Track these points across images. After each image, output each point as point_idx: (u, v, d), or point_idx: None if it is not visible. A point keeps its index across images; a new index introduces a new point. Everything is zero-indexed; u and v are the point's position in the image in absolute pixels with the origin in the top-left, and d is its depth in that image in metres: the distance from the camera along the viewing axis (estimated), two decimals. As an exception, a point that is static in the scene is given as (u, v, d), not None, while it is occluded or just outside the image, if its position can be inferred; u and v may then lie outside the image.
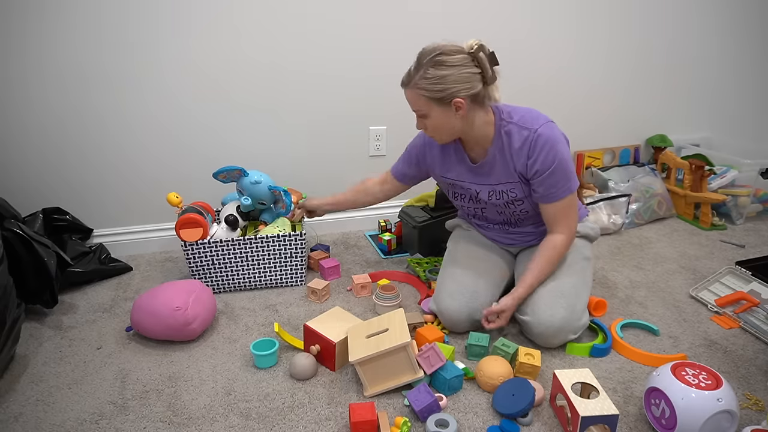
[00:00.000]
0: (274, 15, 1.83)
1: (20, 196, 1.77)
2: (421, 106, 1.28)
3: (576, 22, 2.21)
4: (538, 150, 1.29)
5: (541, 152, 1.29)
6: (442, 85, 1.23)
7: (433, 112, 1.28)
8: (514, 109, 1.35)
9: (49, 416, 1.19)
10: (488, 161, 1.38)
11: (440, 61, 1.22)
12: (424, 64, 1.24)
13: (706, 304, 1.63)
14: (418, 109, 1.30)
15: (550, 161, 1.30)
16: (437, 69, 1.22)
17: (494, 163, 1.37)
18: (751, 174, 2.24)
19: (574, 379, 1.16)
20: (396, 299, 1.58)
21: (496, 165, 1.37)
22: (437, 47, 1.24)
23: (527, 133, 1.30)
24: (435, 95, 1.24)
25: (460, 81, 1.23)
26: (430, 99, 1.25)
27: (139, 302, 1.43)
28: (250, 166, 1.89)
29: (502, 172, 1.38)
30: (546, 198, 1.35)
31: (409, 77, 1.28)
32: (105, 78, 1.74)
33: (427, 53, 1.25)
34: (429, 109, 1.28)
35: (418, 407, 1.14)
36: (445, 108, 1.26)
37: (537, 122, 1.31)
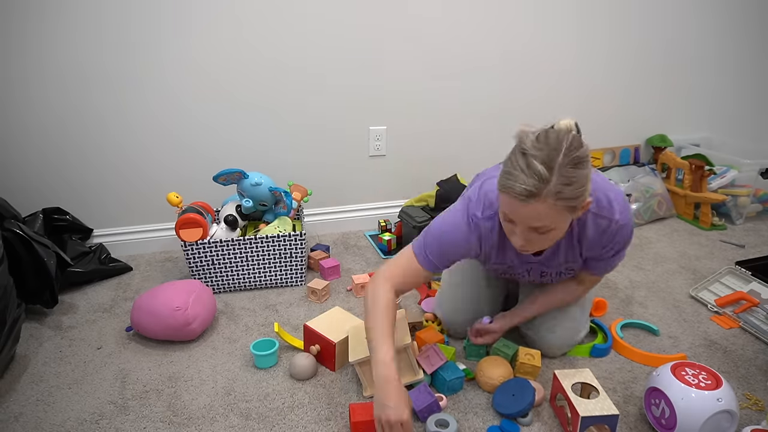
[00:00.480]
0: (274, 15, 1.83)
1: (20, 196, 1.77)
2: (554, 219, 0.98)
3: (576, 23, 2.21)
4: (616, 241, 1.14)
5: (617, 243, 1.15)
6: (582, 188, 0.96)
7: (563, 224, 1.01)
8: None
9: (49, 416, 1.19)
10: (552, 251, 1.19)
11: (579, 158, 0.95)
12: (559, 165, 0.93)
13: (706, 304, 1.63)
14: (548, 225, 0.99)
15: (619, 248, 1.17)
16: (579, 169, 0.95)
17: (558, 251, 1.19)
18: (751, 174, 2.24)
19: (574, 379, 1.16)
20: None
21: (559, 253, 1.19)
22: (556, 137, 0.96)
23: (606, 224, 1.11)
24: (575, 203, 0.97)
25: (588, 181, 0.98)
26: (568, 208, 0.97)
27: (139, 302, 1.43)
28: (251, 167, 1.90)
29: (565, 257, 1.20)
30: (596, 270, 1.26)
31: (540, 184, 0.93)
32: (105, 78, 1.74)
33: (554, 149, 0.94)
34: (558, 223, 1.00)
35: (419, 407, 1.14)
36: (572, 216, 1.01)
37: (615, 208, 1.11)
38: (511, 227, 1.04)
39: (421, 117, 2.13)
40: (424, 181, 2.19)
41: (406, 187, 2.22)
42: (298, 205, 1.84)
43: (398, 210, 2.08)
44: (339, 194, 2.16)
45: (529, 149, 0.95)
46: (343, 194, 2.16)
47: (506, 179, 0.97)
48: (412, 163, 2.20)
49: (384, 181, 2.18)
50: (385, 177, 2.18)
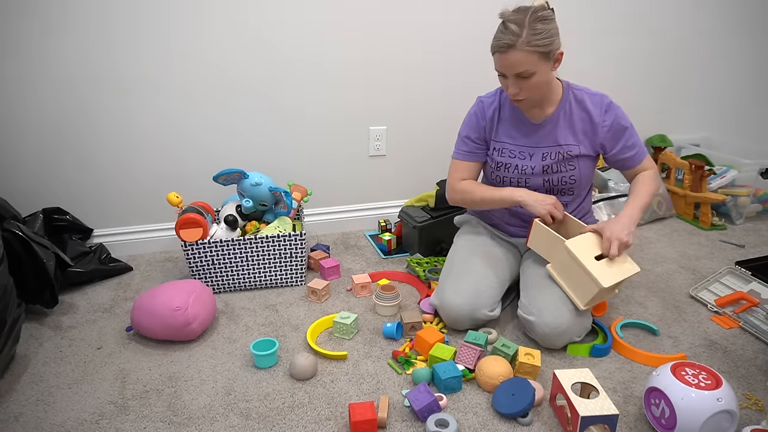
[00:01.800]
0: (274, 16, 1.83)
1: (20, 196, 1.77)
2: (530, 64, 1.28)
3: (576, 24, 2.21)
4: (612, 113, 1.41)
5: (616, 113, 1.41)
6: (550, 38, 1.26)
7: (540, 68, 1.29)
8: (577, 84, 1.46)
9: (49, 416, 1.19)
10: (551, 120, 1.43)
11: (542, 16, 1.26)
12: (529, 21, 1.25)
13: (706, 304, 1.63)
14: (526, 69, 1.29)
15: (625, 118, 1.42)
16: (543, 23, 1.25)
17: (558, 122, 1.43)
18: (751, 174, 2.24)
19: (574, 379, 1.16)
20: (396, 299, 1.58)
21: (559, 124, 1.43)
22: (523, 6, 1.28)
23: (599, 99, 1.42)
24: (545, 49, 1.27)
25: (556, 34, 1.29)
26: (541, 54, 1.27)
27: (139, 302, 1.43)
28: (251, 167, 1.90)
29: (565, 131, 1.43)
30: (635, 159, 1.45)
31: (515, 37, 1.26)
32: (105, 78, 1.74)
33: (523, 12, 1.26)
34: (537, 67, 1.28)
35: (418, 407, 1.14)
36: (548, 63, 1.30)
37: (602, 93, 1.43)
38: (504, 82, 1.36)
39: (421, 117, 2.13)
40: (424, 181, 2.20)
41: (406, 187, 2.22)
42: (298, 205, 1.84)
43: (398, 210, 2.08)
44: (339, 194, 2.16)
45: (506, 16, 1.29)
46: (343, 194, 2.16)
47: (493, 42, 1.32)
48: (412, 163, 2.20)
49: (384, 181, 2.18)
50: (385, 177, 2.18)
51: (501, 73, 1.34)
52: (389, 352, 1.41)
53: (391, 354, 1.39)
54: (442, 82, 2.09)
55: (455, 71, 2.09)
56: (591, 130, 1.43)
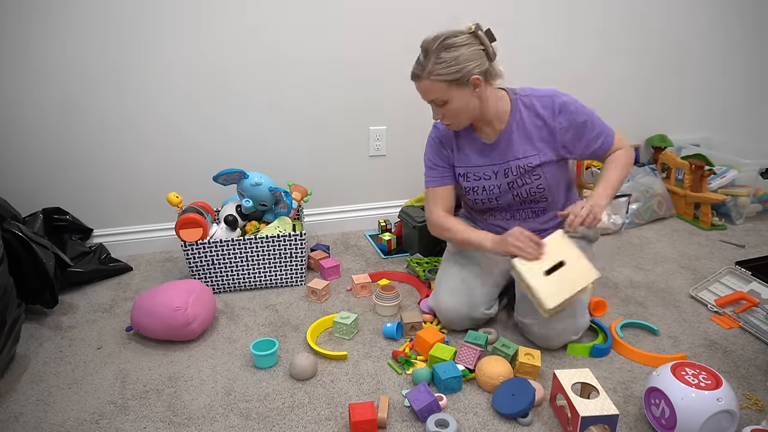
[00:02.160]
0: (274, 16, 1.83)
1: (20, 196, 1.77)
2: (439, 93, 1.28)
3: (576, 25, 2.21)
4: (567, 107, 1.36)
5: (569, 108, 1.37)
6: (457, 65, 1.24)
7: (453, 95, 1.28)
8: (523, 88, 1.42)
9: (49, 416, 1.19)
10: (505, 136, 1.40)
11: (449, 44, 1.25)
12: (433, 51, 1.25)
13: (706, 304, 1.63)
14: (437, 98, 1.29)
15: (580, 112, 1.37)
16: (448, 52, 1.24)
17: (511, 136, 1.39)
18: (751, 174, 2.24)
19: (574, 379, 1.16)
20: (396, 299, 1.58)
21: (513, 138, 1.39)
22: (439, 34, 1.27)
23: (548, 101, 1.37)
24: (453, 77, 1.25)
25: (471, 59, 1.26)
26: (449, 83, 1.26)
27: (139, 302, 1.43)
28: (251, 167, 1.90)
29: (521, 144, 1.40)
30: (603, 148, 1.42)
31: (421, 68, 1.27)
32: (105, 78, 1.74)
33: (433, 41, 1.26)
34: (448, 94, 1.28)
35: (418, 407, 1.14)
36: (463, 89, 1.28)
37: (550, 91, 1.39)
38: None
39: (421, 117, 2.13)
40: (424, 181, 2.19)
41: (406, 187, 2.22)
42: (298, 205, 1.84)
43: (398, 210, 2.08)
44: (339, 194, 2.16)
45: (422, 45, 1.29)
46: (343, 194, 2.16)
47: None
48: (412, 163, 2.19)
49: (384, 181, 2.18)
50: (385, 177, 2.18)
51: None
52: (389, 352, 1.41)
53: (391, 354, 1.39)
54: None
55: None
56: (548, 135, 1.38)
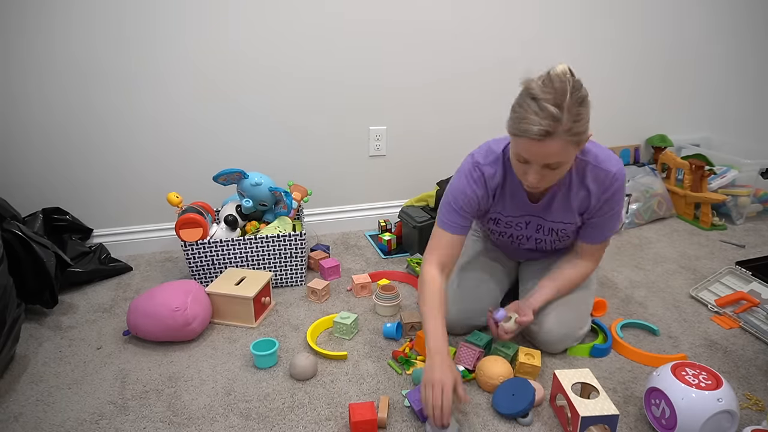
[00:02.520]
0: (274, 16, 1.82)
1: (20, 196, 1.77)
2: (566, 155, 1.09)
3: (576, 24, 2.21)
4: (612, 194, 1.23)
5: (614, 197, 1.24)
6: (585, 124, 1.09)
7: (572, 157, 1.11)
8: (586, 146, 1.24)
9: (49, 416, 1.19)
10: (550, 198, 1.28)
11: (582, 97, 1.07)
12: (570, 105, 1.04)
13: (706, 304, 1.63)
14: (561, 160, 1.09)
15: (615, 206, 1.26)
16: (584, 107, 1.07)
17: (556, 201, 1.28)
18: (751, 174, 2.24)
19: (574, 379, 1.16)
20: (396, 299, 1.58)
21: (555, 203, 1.28)
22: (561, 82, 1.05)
23: (604, 176, 1.22)
24: (581, 138, 1.09)
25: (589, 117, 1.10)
26: (576, 144, 1.09)
27: (135, 305, 1.42)
28: (251, 167, 1.90)
29: (562, 210, 1.29)
30: (593, 239, 1.33)
31: (555, 123, 1.03)
32: (105, 78, 1.74)
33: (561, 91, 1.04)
34: (569, 157, 1.10)
35: (418, 407, 1.14)
36: (577, 149, 1.12)
37: (613, 165, 1.22)
38: (524, 168, 1.14)
39: (421, 117, 2.13)
40: (424, 181, 2.19)
41: (406, 187, 2.22)
42: (298, 205, 1.84)
43: (398, 210, 2.08)
44: (339, 194, 2.16)
45: (538, 94, 1.04)
46: (343, 194, 2.16)
47: (521, 123, 1.06)
48: (412, 163, 2.20)
49: (384, 181, 2.18)
50: (385, 177, 2.18)
51: (525, 160, 1.12)
52: (389, 352, 1.41)
53: (391, 354, 1.39)
54: (443, 81, 2.09)
55: (455, 71, 2.09)
56: (588, 205, 1.27)
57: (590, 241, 1.34)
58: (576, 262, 1.38)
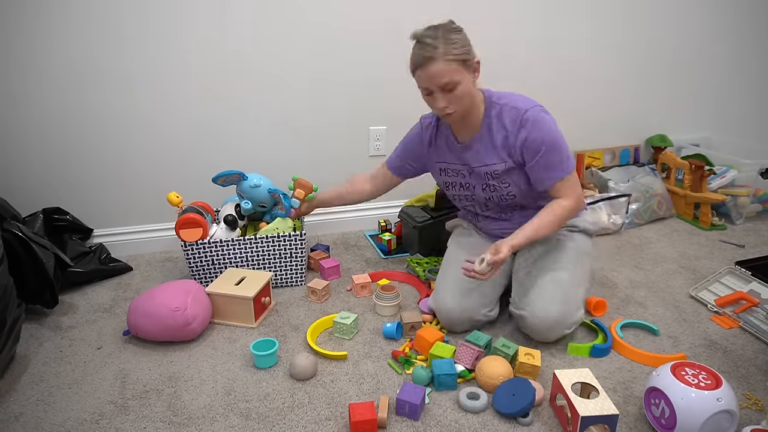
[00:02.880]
0: (273, 17, 1.83)
1: (20, 196, 1.77)
2: (453, 75, 1.26)
3: (577, 24, 2.21)
4: (528, 129, 1.33)
5: (531, 131, 1.33)
6: (465, 46, 1.27)
7: (462, 79, 1.28)
8: (502, 93, 1.40)
9: (49, 416, 1.19)
10: (475, 140, 1.42)
11: (455, 27, 1.29)
12: (443, 33, 1.26)
13: (706, 304, 1.63)
14: (449, 80, 1.27)
15: (539, 140, 1.32)
16: (457, 33, 1.27)
17: (481, 142, 1.41)
18: (751, 174, 2.24)
19: (574, 379, 1.16)
20: (396, 299, 1.58)
21: (482, 145, 1.41)
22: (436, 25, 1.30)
23: (516, 113, 1.35)
24: (463, 57, 1.27)
25: (470, 44, 1.30)
26: (461, 63, 1.27)
27: (135, 305, 1.42)
28: (250, 167, 1.90)
29: (488, 150, 1.40)
30: (545, 182, 1.37)
31: (432, 50, 1.25)
32: (105, 78, 1.74)
33: (434, 28, 1.28)
34: (460, 77, 1.27)
35: (401, 396, 1.16)
36: (469, 73, 1.29)
37: (526, 104, 1.35)
38: (430, 99, 1.33)
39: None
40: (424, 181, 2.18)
41: (406, 187, 2.21)
42: (300, 202, 1.78)
43: (398, 210, 2.08)
44: (339, 194, 2.15)
45: (420, 36, 1.28)
46: (343, 194, 2.16)
47: (412, 60, 1.30)
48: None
49: (384, 181, 2.18)
50: (385, 177, 2.18)
51: (426, 89, 1.31)
52: (389, 352, 1.41)
53: (391, 354, 1.39)
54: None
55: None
56: (509, 145, 1.37)
57: (548, 184, 1.37)
58: (553, 201, 1.40)
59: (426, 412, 1.19)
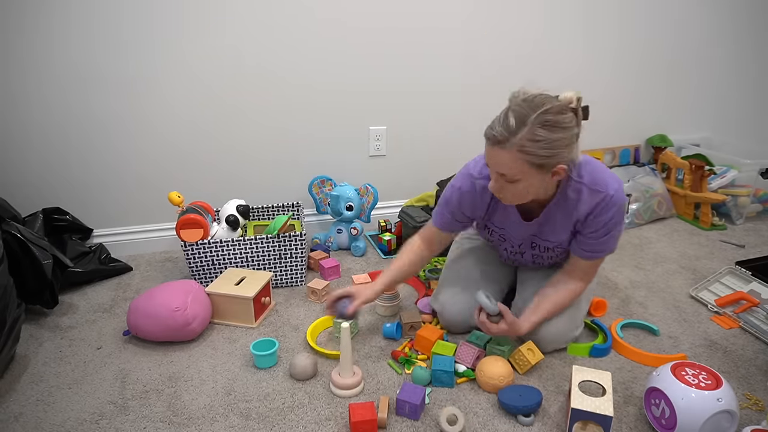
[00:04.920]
0: (275, 16, 1.82)
1: (20, 196, 1.77)
2: (517, 171, 1.09)
3: (578, 25, 2.21)
4: (609, 215, 1.19)
5: (611, 218, 1.20)
6: (551, 150, 1.06)
7: (528, 178, 1.10)
8: (581, 165, 1.20)
9: (49, 416, 1.19)
10: (544, 218, 1.27)
11: (553, 122, 1.05)
12: (532, 122, 1.04)
13: (706, 304, 1.63)
14: (512, 174, 1.10)
15: (611, 227, 1.22)
16: (549, 132, 1.05)
17: (549, 220, 1.27)
18: (751, 174, 2.24)
19: (587, 376, 1.15)
20: (396, 299, 1.58)
21: (550, 222, 1.27)
22: (541, 100, 1.06)
23: (600, 197, 1.18)
24: (539, 161, 1.07)
25: (567, 145, 1.07)
26: (533, 165, 1.08)
27: (135, 305, 1.42)
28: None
29: (557, 229, 1.27)
30: (587, 255, 1.28)
31: (507, 134, 1.06)
32: (105, 79, 1.74)
33: (532, 108, 1.05)
34: (524, 175, 1.10)
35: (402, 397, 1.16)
36: (543, 174, 1.10)
37: (610, 184, 1.19)
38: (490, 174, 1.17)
39: (421, 117, 2.13)
40: (424, 181, 2.19)
41: (406, 187, 2.22)
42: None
43: (398, 210, 2.08)
44: (339, 194, 2.15)
45: (513, 105, 1.08)
46: (343, 194, 2.16)
47: (487, 127, 1.11)
48: (412, 163, 2.20)
49: (384, 181, 2.18)
50: (385, 177, 2.18)
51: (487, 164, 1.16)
52: (389, 352, 1.41)
53: (390, 354, 1.39)
54: (443, 81, 2.09)
55: (456, 72, 2.09)
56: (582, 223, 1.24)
57: (586, 258, 1.29)
58: (567, 283, 1.33)
59: (426, 412, 1.19)
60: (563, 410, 1.19)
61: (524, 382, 1.29)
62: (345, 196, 1.93)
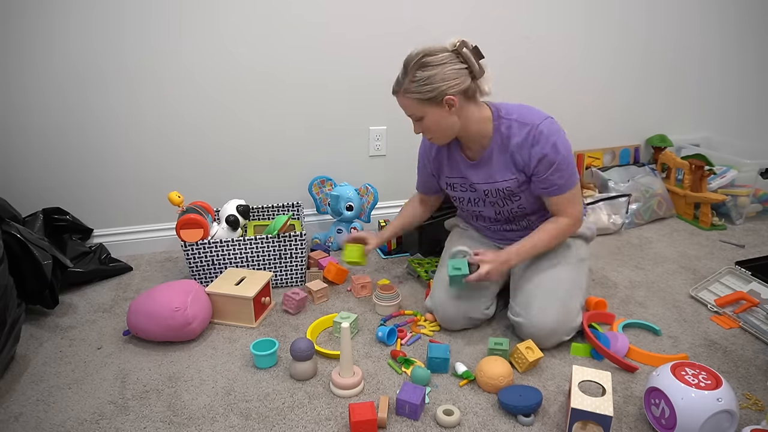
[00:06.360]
0: (275, 16, 1.83)
1: (20, 196, 1.77)
2: (414, 110, 1.31)
3: (578, 24, 2.21)
4: (541, 145, 1.31)
5: (544, 147, 1.31)
6: (430, 85, 1.25)
7: (427, 113, 1.30)
8: (512, 107, 1.37)
9: (49, 416, 1.19)
10: (485, 157, 1.40)
11: (425, 62, 1.25)
12: (410, 69, 1.27)
13: (706, 304, 1.63)
14: (413, 114, 1.33)
15: (552, 156, 1.31)
16: (424, 70, 1.25)
17: (491, 158, 1.39)
18: (751, 174, 2.24)
19: (587, 376, 1.15)
20: (396, 299, 1.58)
21: (493, 161, 1.39)
22: (421, 50, 1.27)
23: (528, 128, 1.32)
24: (426, 96, 1.27)
25: (447, 78, 1.25)
26: (422, 101, 1.28)
27: (135, 305, 1.42)
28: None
29: (500, 167, 1.38)
30: (551, 192, 1.36)
31: (398, 84, 1.32)
32: (105, 79, 1.74)
33: (412, 57, 1.28)
34: (423, 112, 1.30)
35: (402, 396, 1.16)
36: (438, 107, 1.28)
37: (537, 118, 1.32)
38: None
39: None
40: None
41: (406, 187, 2.21)
42: None
43: (398, 210, 2.08)
44: (339, 194, 2.15)
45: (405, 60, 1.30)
46: (343, 194, 2.16)
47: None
48: (412, 163, 2.18)
49: (384, 181, 2.18)
50: (385, 177, 2.18)
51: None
52: (389, 352, 1.41)
53: (390, 354, 1.39)
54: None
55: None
56: (522, 160, 1.35)
57: (551, 194, 1.36)
58: (552, 218, 1.41)
59: (426, 412, 1.19)
60: (563, 410, 1.19)
61: (524, 382, 1.29)
62: (345, 196, 1.93)
